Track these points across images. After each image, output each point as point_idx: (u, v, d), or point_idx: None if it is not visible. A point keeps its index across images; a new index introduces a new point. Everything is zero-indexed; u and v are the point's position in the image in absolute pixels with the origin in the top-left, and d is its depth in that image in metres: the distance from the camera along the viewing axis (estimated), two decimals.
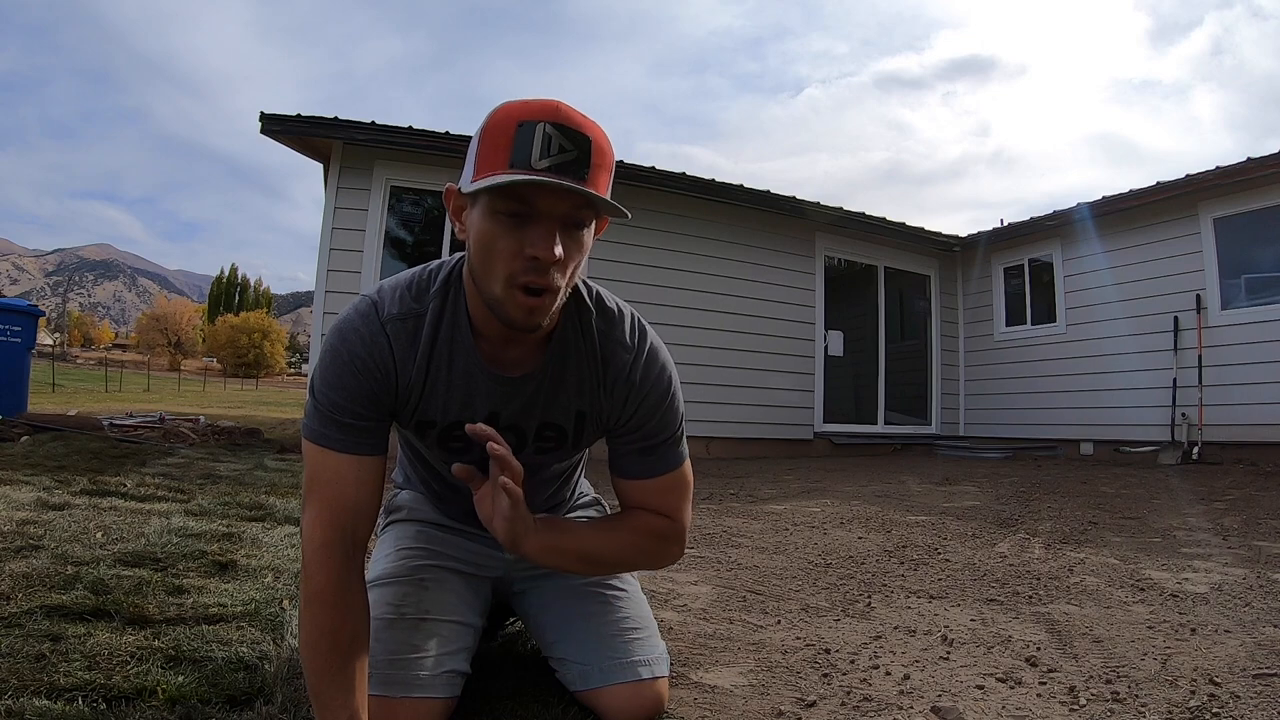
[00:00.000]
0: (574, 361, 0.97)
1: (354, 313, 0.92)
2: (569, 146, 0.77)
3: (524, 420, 0.99)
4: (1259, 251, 5.62)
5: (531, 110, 0.78)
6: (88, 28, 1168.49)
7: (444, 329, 0.93)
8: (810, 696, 1.18)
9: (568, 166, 0.77)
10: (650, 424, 1.00)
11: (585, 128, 0.79)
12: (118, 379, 29.40)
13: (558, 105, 0.79)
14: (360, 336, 0.90)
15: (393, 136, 5.45)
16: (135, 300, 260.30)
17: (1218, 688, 1.19)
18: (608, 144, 0.82)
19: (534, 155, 0.76)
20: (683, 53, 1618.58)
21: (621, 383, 0.98)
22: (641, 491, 1.02)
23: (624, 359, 0.98)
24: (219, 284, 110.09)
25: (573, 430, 1.02)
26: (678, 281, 6.22)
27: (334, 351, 0.90)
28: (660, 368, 1.00)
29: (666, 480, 1.02)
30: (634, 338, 0.99)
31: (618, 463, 1.03)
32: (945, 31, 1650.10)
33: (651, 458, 1.01)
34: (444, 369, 0.93)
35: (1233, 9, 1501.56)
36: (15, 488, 2.70)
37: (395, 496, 1.25)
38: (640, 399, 0.98)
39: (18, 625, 1.24)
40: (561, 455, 1.09)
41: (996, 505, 3.49)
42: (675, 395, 1.02)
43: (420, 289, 0.94)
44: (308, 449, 0.90)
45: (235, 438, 5.82)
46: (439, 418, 0.96)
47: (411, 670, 0.96)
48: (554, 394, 0.98)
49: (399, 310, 0.92)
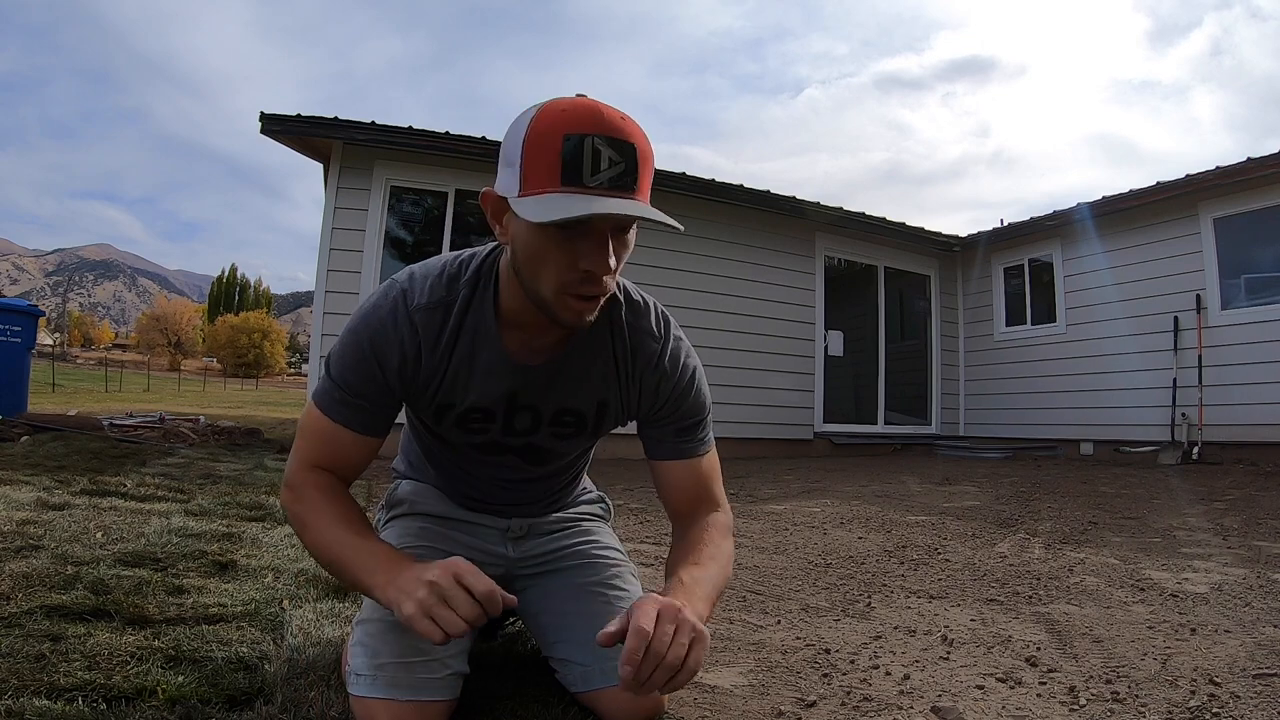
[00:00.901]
0: (600, 352, 1.00)
1: (384, 299, 0.93)
2: (618, 159, 0.78)
3: (542, 403, 1.01)
4: (1259, 251, 5.62)
5: (577, 120, 0.77)
6: (88, 28, 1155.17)
7: (470, 319, 0.95)
8: (810, 696, 1.18)
9: (619, 180, 0.78)
10: (684, 406, 1.04)
11: (629, 134, 0.79)
12: (118, 379, 29.41)
13: (599, 110, 0.78)
14: (385, 326, 0.92)
15: (393, 136, 5.46)
16: (135, 300, 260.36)
17: (1218, 688, 1.19)
18: (648, 142, 0.82)
19: (585, 172, 0.77)
20: (683, 53, 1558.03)
21: (651, 371, 1.02)
22: (683, 473, 1.06)
23: (652, 348, 1.01)
24: (219, 284, 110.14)
25: (593, 418, 1.05)
26: (677, 281, 6.22)
27: (356, 336, 0.92)
28: (687, 354, 1.05)
29: (704, 462, 1.07)
30: (660, 327, 1.03)
31: (658, 447, 1.06)
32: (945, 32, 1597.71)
33: (689, 439, 1.06)
34: (467, 358, 0.95)
35: (1232, 10, 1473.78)
36: (15, 488, 2.70)
37: (396, 489, 1.25)
38: (672, 385, 1.02)
39: (18, 625, 1.24)
40: (579, 442, 1.11)
41: (996, 505, 3.49)
42: (703, 380, 1.07)
43: (451, 277, 0.95)
44: (312, 410, 0.94)
45: (235, 438, 5.82)
46: (459, 401, 0.99)
47: (418, 673, 0.96)
48: (577, 382, 1.01)
49: (429, 300, 0.93)
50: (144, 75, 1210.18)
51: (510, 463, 1.10)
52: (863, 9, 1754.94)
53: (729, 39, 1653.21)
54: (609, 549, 1.24)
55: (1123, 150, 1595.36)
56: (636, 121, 0.81)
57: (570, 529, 1.25)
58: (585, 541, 1.23)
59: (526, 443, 1.06)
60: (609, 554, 1.22)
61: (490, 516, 1.19)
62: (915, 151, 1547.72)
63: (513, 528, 1.19)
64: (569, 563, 1.20)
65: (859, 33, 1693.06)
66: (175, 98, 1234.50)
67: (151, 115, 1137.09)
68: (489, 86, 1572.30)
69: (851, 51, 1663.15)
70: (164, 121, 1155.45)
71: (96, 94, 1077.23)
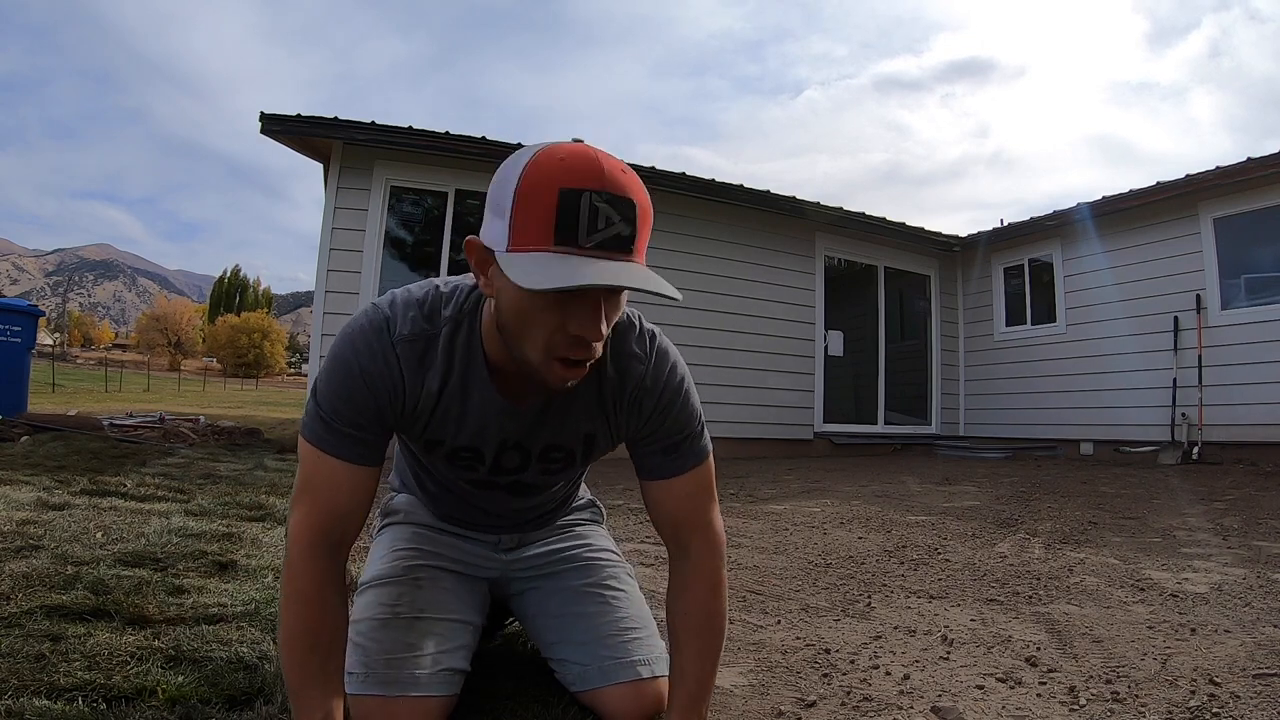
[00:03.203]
0: (582, 388, 0.94)
1: (367, 324, 0.88)
2: (615, 218, 0.72)
3: (530, 441, 0.98)
4: (1259, 251, 5.62)
5: (575, 172, 0.72)
6: (89, 29, 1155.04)
7: (458, 359, 0.90)
8: (810, 696, 1.18)
9: (617, 241, 0.73)
10: (668, 423, 0.98)
11: (629, 189, 0.74)
12: (118, 379, 29.40)
13: (599, 162, 0.73)
14: (371, 352, 0.87)
15: (393, 136, 5.45)
16: (135, 300, 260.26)
17: (1218, 688, 1.19)
18: (647, 197, 0.77)
19: (581, 232, 0.71)
20: (683, 55, 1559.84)
21: (638, 392, 0.96)
22: (669, 492, 1.00)
23: (639, 370, 0.96)
24: (220, 284, 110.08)
25: (581, 452, 1.02)
26: (677, 281, 6.16)
27: (342, 361, 0.87)
28: (671, 367, 0.98)
29: (691, 479, 1.00)
30: (643, 345, 0.97)
31: (643, 464, 1.01)
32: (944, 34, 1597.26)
33: (675, 455, 0.99)
34: (458, 398, 0.92)
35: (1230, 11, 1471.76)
36: (15, 488, 2.70)
37: (392, 499, 1.25)
38: (655, 403, 0.97)
39: (18, 625, 1.24)
40: (568, 474, 1.10)
41: (996, 505, 3.49)
42: (690, 391, 1.00)
43: (432, 309, 0.90)
44: (304, 448, 0.89)
45: (235, 438, 5.82)
46: (448, 439, 0.96)
47: (408, 669, 0.96)
48: (561, 419, 0.97)
49: (410, 331, 0.88)
50: (145, 76, 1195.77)
51: (499, 497, 1.09)
52: (862, 11, 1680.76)
53: (729, 40, 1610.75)
54: (603, 550, 1.24)
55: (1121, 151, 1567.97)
56: (636, 175, 0.77)
57: (563, 534, 1.25)
58: (579, 545, 1.23)
59: (515, 480, 1.04)
60: (604, 555, 1.23)
61: (481, 533, 1.19)
62: (914, 152, 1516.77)
63: (504, 541, 1.20)
64: (564, 566, 1.20)
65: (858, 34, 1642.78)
66: (176, 99, 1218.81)
67: (153, 116, 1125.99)
68: (490, 87, 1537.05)
69: (851, 53, 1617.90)
70: (165, 122, 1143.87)
71: (98, 94, 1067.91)
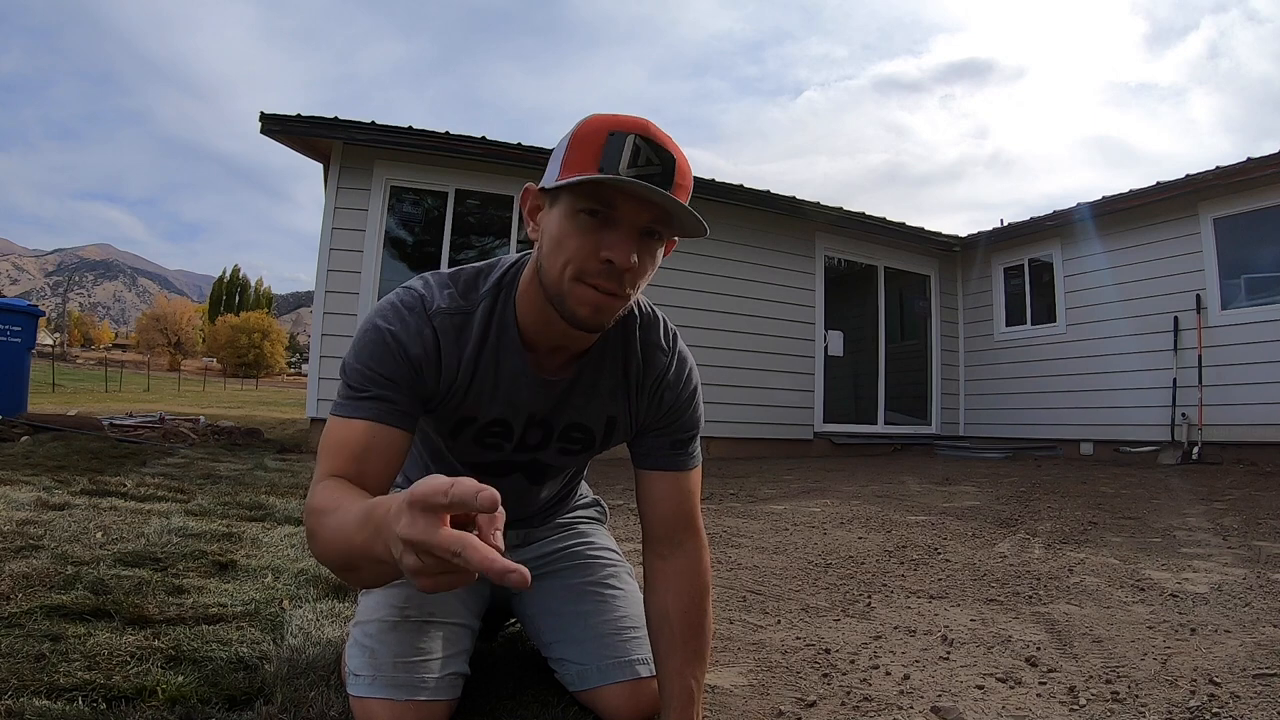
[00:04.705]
0: (609, 367, 0.99)
1: (399, 302, 0.89)
2: (655, 161, 0.78)
3: (554, 418, 1.00)
4: (1259, 251, 5.62)
5: (623, 123, 0.79)
6: (90, 30, 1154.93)
7: (493, 331, 0.92)
8: (810, 696, 1.18)
9: (653, 178, 0.78)
10: (682, 420, 1.04)
11: (671, 147, 0.81)
12: (118, 379, 29.39)
13: (648, 123, 0.81)
14: (405, 324, 0.87)
15: (393, 136, 5.45)
16: (135, 300, 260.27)
17: (1218, 688, 1.19)
18: (689, 168, 0.83)
19: (622, 163, 0.77)
20: (683, 56, 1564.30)
21: (659, 383, 1.01)
22: (672, 487, 1.04)
23: (662, 361, 1.01)
24: (220, 284, 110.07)
25: (601, 434, 1.04)
26: (678, 281, 6.22)
27: (375, 332, 0.87)
28: (690, 367, 1.05)
29: (691, 478, 1.06)
30: (667, 339, 1.02)
31: (648, 456, 1.04)
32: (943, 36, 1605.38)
33: (681, 452, 1.05)
34: (491, 370, 0.93)
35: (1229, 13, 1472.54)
36: (15, 488, 2.70)
37: None
38: (675, 397, 1.02)
39: (18, 625, 1.24)
40: (583, 458, 1.11)
41: (996, 505, 3.49)
42: (701, 398, 1.07)
43: (469, 286, 0.93)
44: (329, 422, 0.86)
45: (235, 438, 5.82)
46: (481, 415, 0.97)
47: (418, 673, 0.96)
48: (587, 397, 0.99)
49: (448, 305, 0.90)
50: (147, 77, 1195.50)
51: (513, 484, 1.08)
52: (861, 12, 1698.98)
53: (729, 42, 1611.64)
54: (604, 549, 1.24)
55: (1120, 152, 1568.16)
56: (686, 155, 0.83)
57: (566, 532, 1.25)
58: (581, 543, 1.23)
59: (533, 459, 1.05)
60: (604, 554, 1.23)
61: None
62: (914, 153, 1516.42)
63: (509, 538, 1.19)
64: (565, 564, 1.20)
65: (858, 36, 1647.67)
66: (178, 100, 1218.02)
67: (154, 117, 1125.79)
68: (490, 89, 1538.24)
69: (850, 54, 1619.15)
70: (166, 123, 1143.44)
71: (99, 96, 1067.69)
